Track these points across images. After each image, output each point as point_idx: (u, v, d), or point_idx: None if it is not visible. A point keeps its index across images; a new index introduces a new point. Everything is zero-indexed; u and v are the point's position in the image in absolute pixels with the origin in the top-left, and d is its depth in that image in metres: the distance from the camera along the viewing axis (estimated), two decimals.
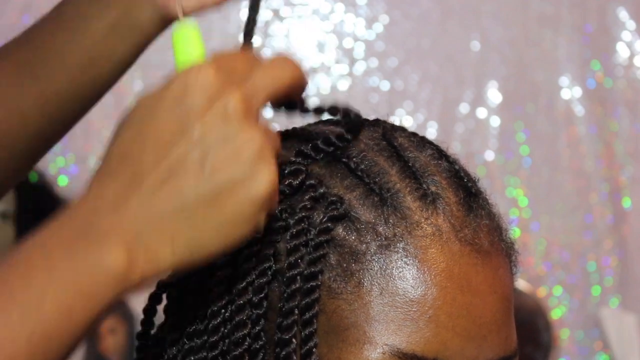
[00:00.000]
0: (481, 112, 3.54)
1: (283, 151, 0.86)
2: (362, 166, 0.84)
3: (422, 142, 0.88)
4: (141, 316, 0.89)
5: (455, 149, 0.91)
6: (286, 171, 0.84)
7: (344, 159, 0.84)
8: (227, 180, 0.74)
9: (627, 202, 3.53)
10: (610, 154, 3.54)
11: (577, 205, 3.52)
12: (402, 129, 0.89)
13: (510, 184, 3.54)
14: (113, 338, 3.35)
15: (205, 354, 0.83)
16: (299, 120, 0.90)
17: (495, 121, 3.54)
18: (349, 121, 0.86)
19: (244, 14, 3.47)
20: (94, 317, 0.73)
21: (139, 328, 0.91)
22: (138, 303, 0.92)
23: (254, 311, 0.81)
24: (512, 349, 0.85)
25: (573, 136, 3.54)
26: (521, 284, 3.08)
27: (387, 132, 0.87)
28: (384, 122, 0.90)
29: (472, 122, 3.52)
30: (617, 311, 3.45)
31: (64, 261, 0.73)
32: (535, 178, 3.53)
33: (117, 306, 3.43)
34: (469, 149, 3.44)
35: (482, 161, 3.49)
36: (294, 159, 0.85)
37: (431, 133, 3.45)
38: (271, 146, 0.77)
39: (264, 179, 0.75)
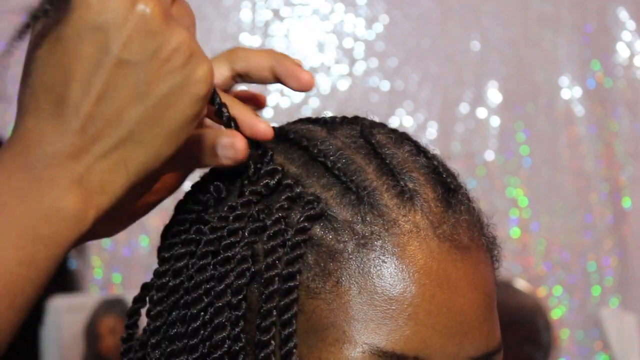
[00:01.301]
0: (481, 112, 3.52)
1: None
2: (339, 165, 0.83)
3: (400, 138, 0.87)
4: (141, 316, 0.89)
5: (455, 149, 0.90)
6: (262, 171, 0.83)
7: (320, 158, 0.84)
8: (166, 93, 0.72)
9: (627, 202, 3.52)
10: (610, 154, 3.53)
11: (577, 205, 3.51)
12: (381, 126, 0.88)
13: (510, 184, 3.52)
14: (113, 338, 3.35)
15: (186, 356, 0.82)
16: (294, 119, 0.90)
17: (495, 121, 3.53)
18: None
19: (244, 14, 3.47)
20: (56, 260, 0.72)
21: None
22: None
23: (233, 313, 0.81)
24: (495, 344, 0.84)
25: (573, 136, 3.53)
26: (521, 284, 3.07)
27: (365, 130, 0.86)
28: (363, 119, 0.89)
29: (472, 122, 3.51)
30: (617, 311, 3.44)
31: (19, 208, 0.70)
32: (535, 178, 3.52)
33: (117, 306, 3.42)
34: (469, 149, 3.43)
35: (482, 161, 3.48)
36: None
37: (431, 133, 3.44)
38: (191, 32, 0.72)
39: (201, 75, 0.73)
